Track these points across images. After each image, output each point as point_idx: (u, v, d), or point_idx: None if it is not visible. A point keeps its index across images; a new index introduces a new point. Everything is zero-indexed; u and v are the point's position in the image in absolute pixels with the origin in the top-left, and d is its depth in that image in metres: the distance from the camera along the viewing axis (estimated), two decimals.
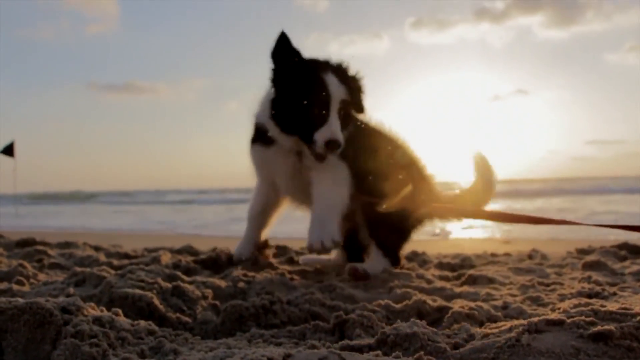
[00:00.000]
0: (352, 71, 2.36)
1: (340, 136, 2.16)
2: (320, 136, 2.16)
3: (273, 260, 2.85)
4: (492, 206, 2.59)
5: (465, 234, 6.87)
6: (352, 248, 2.69)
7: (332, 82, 2.21)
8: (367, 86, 2.39)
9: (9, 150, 11.92)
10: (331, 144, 2.16)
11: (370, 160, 2.42)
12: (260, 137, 2.42)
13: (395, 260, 2.53)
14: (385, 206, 2.21)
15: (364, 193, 2.38)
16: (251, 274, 2.26)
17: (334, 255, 2.84)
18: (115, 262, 2.77)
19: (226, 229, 8.44)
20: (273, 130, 2.31)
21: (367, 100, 2.40)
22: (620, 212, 9.43)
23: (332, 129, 2.16)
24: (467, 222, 6.98)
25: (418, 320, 1.34)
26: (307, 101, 2.19)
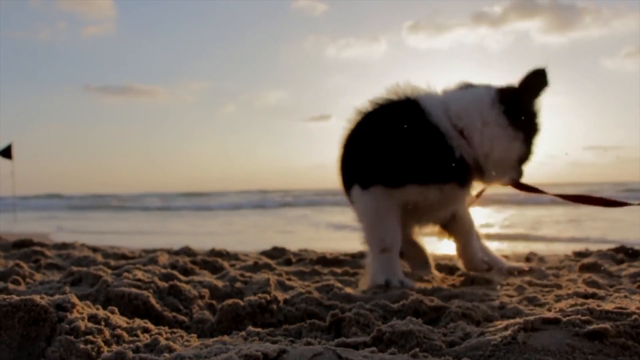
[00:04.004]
0: None
1: None
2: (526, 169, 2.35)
3: (271, 262, 2.85)
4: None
5: None
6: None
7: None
8: (366, 90, 2.39)
9: (6, 153, 11.84)
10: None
11: None
12: None
13: None
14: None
15: None
16: (248, 274, 2.26)
17: None
18: (113, 262, 2.76)
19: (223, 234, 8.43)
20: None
21: None
22: (619, 219, 9.43)
23: None
24: None
25: (414, 318, 1.34)
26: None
